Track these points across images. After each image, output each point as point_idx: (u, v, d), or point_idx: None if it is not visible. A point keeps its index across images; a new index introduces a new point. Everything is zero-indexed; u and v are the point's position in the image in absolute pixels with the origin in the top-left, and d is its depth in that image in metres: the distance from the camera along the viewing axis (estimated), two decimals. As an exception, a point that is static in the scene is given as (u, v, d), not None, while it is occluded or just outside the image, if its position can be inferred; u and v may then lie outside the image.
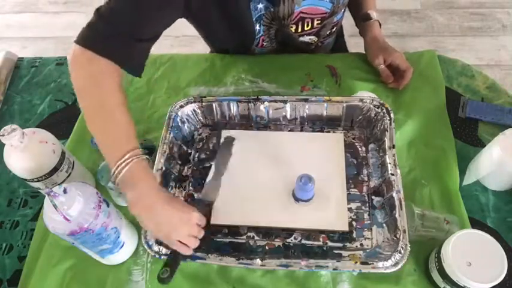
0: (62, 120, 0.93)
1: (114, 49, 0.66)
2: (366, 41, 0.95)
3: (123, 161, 0.60)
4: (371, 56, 0.92)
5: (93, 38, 0.66)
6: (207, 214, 0.70)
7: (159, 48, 1.01)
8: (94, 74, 0.65)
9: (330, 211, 0.72)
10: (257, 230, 0.72)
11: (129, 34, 0.68)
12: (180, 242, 0.63)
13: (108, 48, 0.66)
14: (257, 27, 0.85)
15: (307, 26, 0.89)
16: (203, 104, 0.83)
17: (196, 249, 0.69)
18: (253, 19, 0.83)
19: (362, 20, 0.96)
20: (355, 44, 1.08)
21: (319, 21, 0.89)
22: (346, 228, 0.70)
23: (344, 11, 0.94)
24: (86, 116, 0.67)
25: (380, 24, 0.95)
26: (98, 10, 0.67)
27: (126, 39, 0.68)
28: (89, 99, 0.66)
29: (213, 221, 0.72)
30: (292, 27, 0.88)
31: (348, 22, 1.03)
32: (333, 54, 0.99)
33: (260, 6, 0.81)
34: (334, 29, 0.96)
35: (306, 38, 0.93)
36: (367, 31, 0.94)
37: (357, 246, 0.69)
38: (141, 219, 0.62)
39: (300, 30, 0.90)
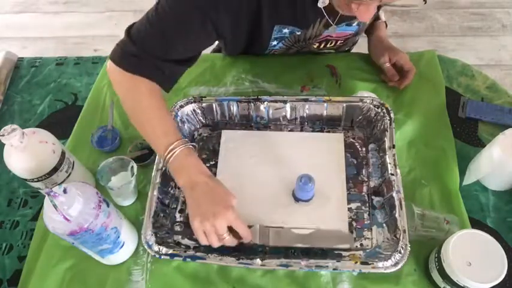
0: (62, 120, 0.93)
1: (143, 68, 0.71)
2: (371, 40, 0.95)
3: (172, 150, 0.67)
4: (376, 55, 0.92)
5: (124, 57, 0.71)
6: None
7: (159, 48, 1.02)
8: (132, 84, 0.72)
9: (329, 211, 0.72)
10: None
11: (157, 56, 0.71)
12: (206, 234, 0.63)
13: (138, 67, 0.71)
14: (274, 42, 0.85)
15: (330, 44, 0.91)
16: (203, 104, 0.83)
17: (196, 249, 0.70)
18: (271, 37, 0.83)
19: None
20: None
21: (342, 41, 0.91)
22: (346, 229, 0.70)
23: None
24: (131, 116, 0.74)
25: (386, 25, 0.97)
26: (128, 31, 0.72)
27: (155, 60, 0.71)
28: (131, 102, 0.73)
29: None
30: (315, 45, 0.90)
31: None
32: (333, 54, 0.99)
33: (285, 30, 0.81)
34: (353, 45, 0.99)
35: (325, 50, 0.95)
36: (373, 30, 0.95)
37: (357, 247, 0.69)
38: (188, 200, 0.66)
39: (322, 47, 0.91)
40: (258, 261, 0.64)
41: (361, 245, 0.69)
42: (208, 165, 0.81)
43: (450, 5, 2.16)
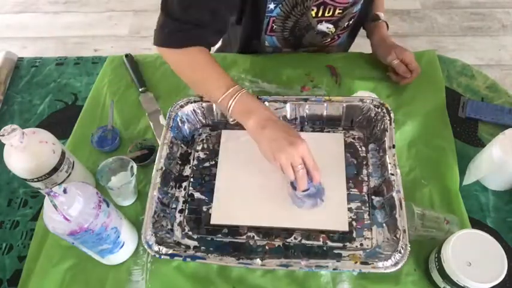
0: (62, 120, 0.93)
1: (188, 38, 0.74)
2: (374, 41, 0.95)
3: (234, 95, 0.70)
4: (383, 54, 0.91)
5: (167, 37, 0.75)
6: None
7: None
8: (186, 55, 0.76)
9: (330, 211, 0.72)
10: (257, 230, 0.72)
11: (196, 22, 0.74)
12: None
13: (183, 40, 0.74)
14: (271, 6, 0.85)
15: (328, 12, 0.89)
16: (203, 104, 0.83)
17: (196, 249, 0.70)
18: None
19: (371, 20, 0.97)
20: (355, 44, 1.08)
21: (340, 11, 0.89)
22: (346, 229, 0.70)
23: (362, 3, 0.91)
24: (192, 83, 0.79)
25: (387, 26, 0.96)
26: (163, 10, 0.75)
27: (196, 27, 0.74)
28: (189, 69, 0.77)
29: (213, 221, 0.72)
30: (313, 9, 0.87)
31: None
32: (333, 54, 0.99)
33: None
34: (351, 21, 0.95)
35: (324, 26, 0.92)
36: (375, 31, 0.95)
37: (356, 246, 0.69)
38: (260, 139, 0.68)
39: (320, 14, 0.89)
40: (258, 261, 0.64)
41: (361, 244, 0.69)
42: (208, 165, 0.81)
43: (450, 5, 2.16)
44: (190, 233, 0.73)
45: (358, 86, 0.90)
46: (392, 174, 0.71)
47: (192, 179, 0.79)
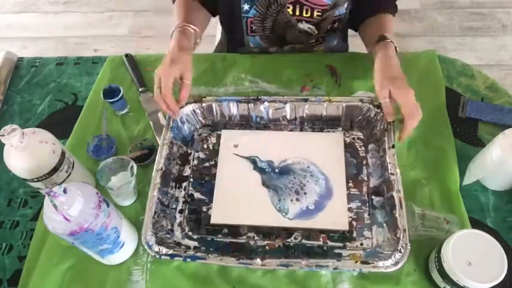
0: (62, 120, 0.93)
1: None
2: (378, 60, 0.77)
3: (172, 31, 0.82)
4: (377, 82, 0.75)
5: None
6: None
7: (159, 48, 1.02)
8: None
9: (330, 211, 0.72)
10: (257, 230, 0.72)
11: None
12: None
13: None
14: (245, 7, 0.86)
15: (306, 13, 0.88)
16: (203, 104, 0.83)
17: (196, 250, 0.70)
18: None
19: (377, 40, 0.81)
20: (355, 44, 1.08)
21: (319, 13, 0.88)
22: (346, 228, 0.70)
23: (348, 7, 0.90)
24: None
25: (396, 50, 0.80)
26: None
27: None
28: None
29: (213, 221, 0.72)
30: (289, 7, 0.86)
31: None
32: (333, 54, 0.99)
33: None
34: (336, 24, 0.94)
35: (305, 26, 0.91)
36: (381, 50, 0.78)
37: (357, 246, 0.69)
38: None
39: (297, 13, 0.88)
40: (258, 261, 0.64)
41: (361, 244, 0.69)
42: (208, 165, 0.81)
43: (450, 5, 2.16)
44: (190, 233, 0.73)
45: (358, 86, 0.90)
46: (392, 174, 0.71)
47: (192, 179, 0.79)
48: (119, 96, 0.86)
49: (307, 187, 0.75)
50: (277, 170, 0.77)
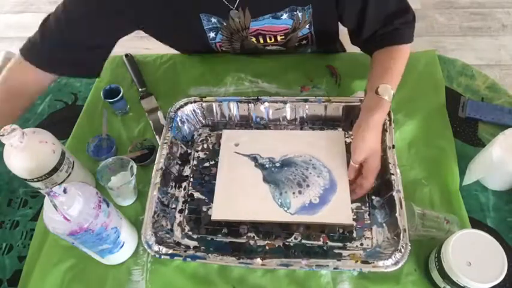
0: (62, 120, 0.93)
1: (46, 59, 0.80)
2: (363, 116, 0.72)
3: None
4: (354, 144, 0.71)
5: (31, 50, 0.79)
6: None
7: (159, 48, 1.02)
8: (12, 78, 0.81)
9: (333, 205, 0.72)
10: (257, 230, 0.72)
11: (65, 44, 0.79)
12: None
13: (40, 58, 0.80)
14: (212, 34, 0.86)
15: (270, 39, 0.87)
16: (203, 104, 0.83)
17: (196, 249, 0.70)
18: (205, 28, 0.84)
19: (375, 90, 0.73)
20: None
21: (282, 37, 0.87)
22: (350, 222, 0.70)
23: (311, 25, 0.85)
24: None
25: (390, 114, 0.77)
26: (42, 24, 0.79)
27: (64, 49, 0.80)
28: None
29: (213, 217, 0.72)
30: (252, 38, 0.87)
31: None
32: (333, 54, 0.99)
33: (213, 20, 0.82)
34: (304, 41, 0.90)
35: (273, 48, 0.91)
36: (370, 106, 0.72)
37: (357, 246, 0.69)
38: None
39: (262, 41, 0.88)
40: (258, 261, 0.64)
41: (362, 244, 0.69)
42: (208, 165, 0.81)
43: (450, 5, 2.16)
44: (190, 233, 0.73)
45: (358, 86, 0.90)
46: (392, 174, 0.71)
47: (192, 179, 0.79)
48: (119, 96, 0.86)
49: (310, 179, 0.75)
50: (278, 164, 0.77)
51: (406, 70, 0.78)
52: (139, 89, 0.94)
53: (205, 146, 0.84)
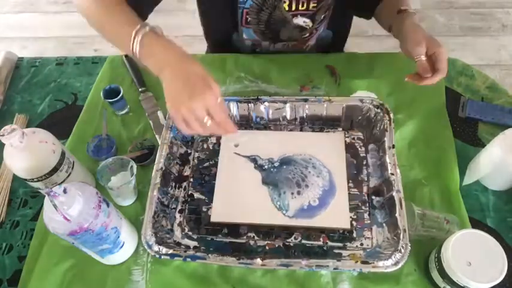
0: (62, 120, 0.93)
1: None
2: (405, 28, 0.74)
3: (135, 36, 0.61)
4: (412, 43, 0.72)
5: None
6: None
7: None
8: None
9: (331, 209, 0.72)
10: (257, 230, 0.72)
11: None
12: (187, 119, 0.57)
13: None
14: None
15: (302, 6, 0.86)
16: (203, 104, 0.83)
17: (196, 249, 0.70)
18: None
19: (395, 14, 0.78)
20: (355, 43, 1.08)
21: (315, 4, 0.87)
22: (347, 226, 0.70)
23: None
24: (96, 26, 0.69)
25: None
26: None
27: None
28: (93, 11, 0.68)
29: (212, 219, 0.72)
30: (285, 2, 0.84)
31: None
32: (333, 54, 0.99)
33: None
34: (327, 12, 0.91)
35: (300, 21, 0.89)
36: (405, 20, 0.75)
37: (357, 246, 0.69)
38: (163, 86, 0.60)
39: (294, 8, 0.86)
40: (258, 261, 0.64)
41: (361, 244, 0.69)
42: (208, 165, 0.81)
43: (450, 5, 2.16)
44: (190, 233, 0.73)
45: (357, 86, 0.90)
46: (392, 174, 0.71)
47: (192, 179, 0.79)
48: (119, 96, 0.86)
49: (309, 179, 0.75)
50: (277, 164, 0.77)
51: (405, 70, 0.77)
52: (139, 89, 0.94)
53: (205, 146, 0.84)
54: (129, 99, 0.92)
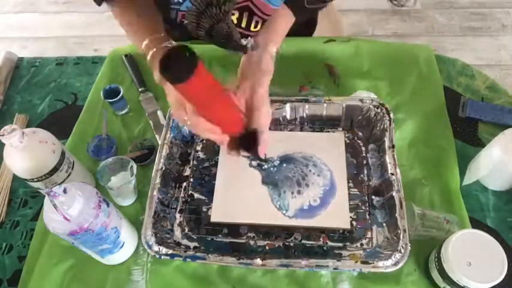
0: (62, 120, 0.93)
1: None
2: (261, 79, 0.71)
3: (146, 48, 0.67)
4: (241, 74, 0.73)
5: None
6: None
7: (159, 48, 1.01)
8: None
9: (331, 209, 0.72)
10: (257, 230, 0.72)
11: None
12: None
13: None
14: None
15: (255, 26, 0.76)
16: (203, 104, 0.83)
17: (196, 249, 0.70)
18: None
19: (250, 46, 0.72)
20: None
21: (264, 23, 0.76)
22: (347, 226, 0.70)
23: None
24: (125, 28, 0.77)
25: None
26: None
27: None
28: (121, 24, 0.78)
29: (212, 219, 0.72)
30: (234, 14, 0.73)
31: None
32: (333, 54, 0.99)
33: None
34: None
35: (249, 43, 0.73)
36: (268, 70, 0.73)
37: (357, 246, 0.69)
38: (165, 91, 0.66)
39: (243, 25, 0.75)
40: (258, 261, 0.64)
41: (361, 244, 0.69)
42: (208, 165, 0.81)
43: (450, 5, 2.16)
44: (190, 233, 0.73)
45: (357, 86, 0.90)
46: (393, 174, 0.71)
47: (192, 179, 0.79)
48: (119, 96, 0.86)
49: (309, 178, 0.75)
50: (277, 163, 0.77)
51: (405, 70, 0.77)
52: (139, 89, 0.94)
53: (205, 146, 0.84)
54: (129, 99, 0.92)
